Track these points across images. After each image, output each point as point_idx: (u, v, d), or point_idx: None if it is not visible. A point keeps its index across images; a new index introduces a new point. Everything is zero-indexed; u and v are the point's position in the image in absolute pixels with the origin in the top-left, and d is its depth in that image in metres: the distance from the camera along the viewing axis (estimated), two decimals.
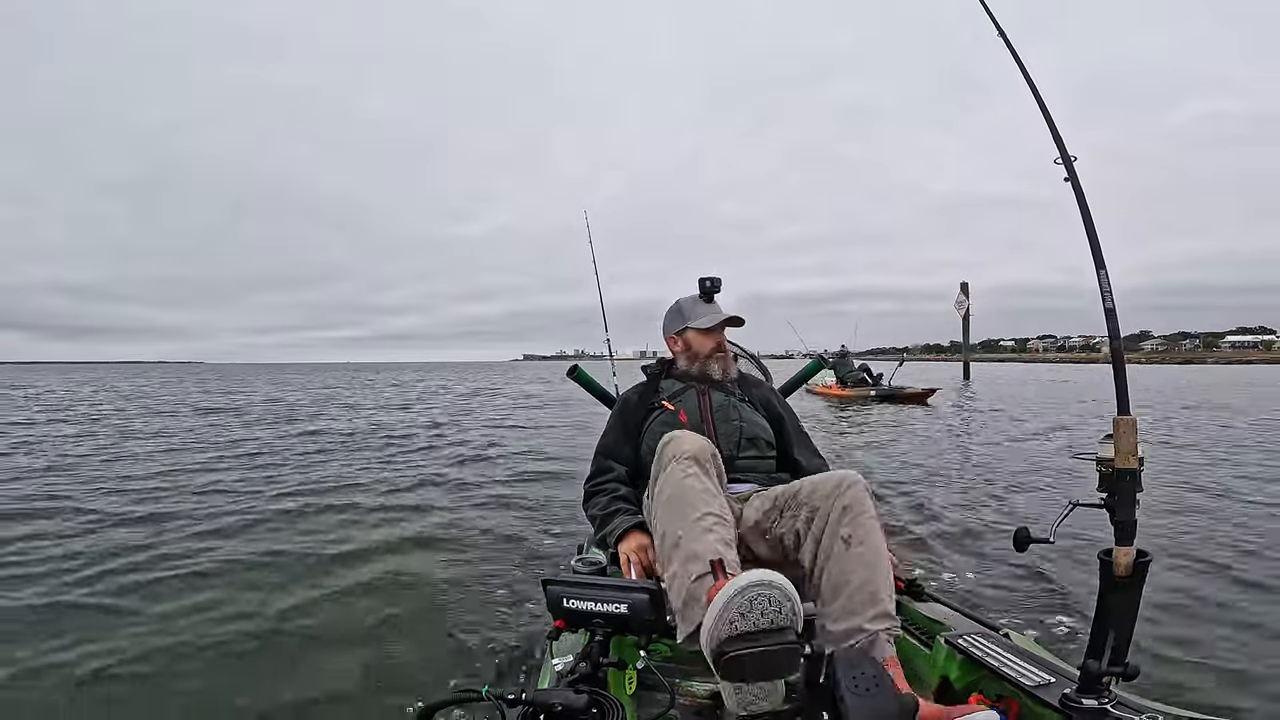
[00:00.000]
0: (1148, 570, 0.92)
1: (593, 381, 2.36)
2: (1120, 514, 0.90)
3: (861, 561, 1.10)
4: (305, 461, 5.91)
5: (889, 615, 1.08)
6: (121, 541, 3.20)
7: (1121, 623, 0.92)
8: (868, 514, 1.14)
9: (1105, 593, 0.94)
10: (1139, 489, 0.90)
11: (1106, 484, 0.91)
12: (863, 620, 1.06)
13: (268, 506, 3.99)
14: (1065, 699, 0.93)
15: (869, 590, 1.07)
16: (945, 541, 3.17)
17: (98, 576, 2.68)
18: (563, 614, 1.06)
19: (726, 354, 1.71)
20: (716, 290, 1.72)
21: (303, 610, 2.38)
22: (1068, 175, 0.95)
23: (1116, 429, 0.89)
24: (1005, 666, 1.08)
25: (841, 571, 1.10)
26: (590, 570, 1.36)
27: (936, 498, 4.02)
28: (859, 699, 0.85)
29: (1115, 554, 0.91)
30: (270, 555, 3.02)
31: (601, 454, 1.64)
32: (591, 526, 1.54)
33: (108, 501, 4.11)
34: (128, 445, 6.91)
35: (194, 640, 2.10)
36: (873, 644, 1.05)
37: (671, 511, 1.14)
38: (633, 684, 1.11)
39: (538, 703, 0.87)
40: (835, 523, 1.14)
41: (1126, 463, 0.88)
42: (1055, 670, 1.05)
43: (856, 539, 1.11)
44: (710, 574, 1.01)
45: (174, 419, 10.24)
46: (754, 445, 1.56)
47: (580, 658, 1.04)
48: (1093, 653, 0.93)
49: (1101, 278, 0.88)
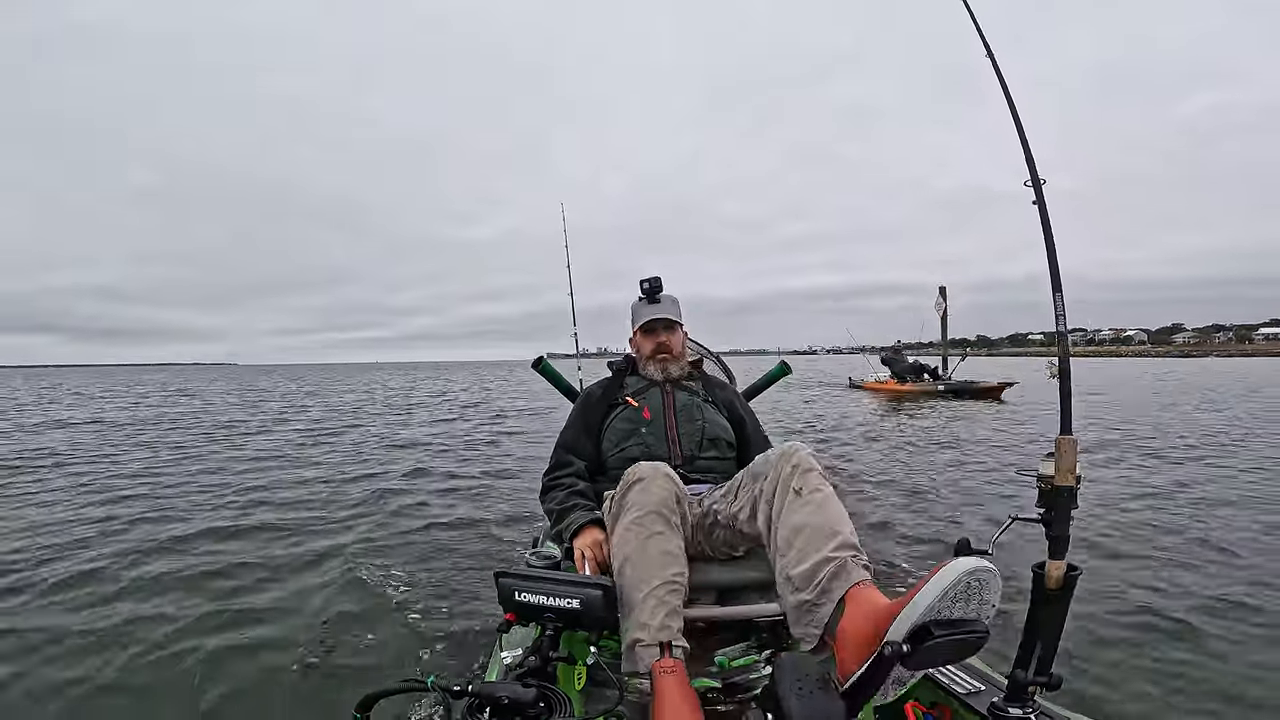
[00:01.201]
0: (1076, 584, 0.96)
1: (557, 374, 2.36)
2: (1055, 529, 0.94)
3: (814, 505, 1.09)
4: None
5: (853, 545, 1.04)
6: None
7: (1048, 634, 0.96)
8: (816, 471, 1.15)
9: (1036, 604, 0.97)
10: (1075, 506, 0.94)
11: (1045, 500, 0.95)
12: (826, 551, 1.02)
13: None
14: (993, 707, 0.98)
15: (828, 528, 1.05)
16: (888, 545, 3.26)
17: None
18: (514, 607, 1.04)
19: (671, 354, 1.70)
20: (657, 290, 1.72)
21: (251, 601, 2.32)
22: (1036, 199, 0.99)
23: (1058, 448, 0.93)
24: (939, 674, 1.12)
25: (797, 518, 1.09)
26: (544, 564, 1.34)
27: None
28: (801, 701, 0.86)
29: (1048, 567, 0.95)
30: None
31: (561, 448, 1.63)
32: (548, 520, 1.53)
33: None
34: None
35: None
36: (840, 569, 1.00)
37: (628, 573, 1.13)
38: (582, 679, 1.11)
39: (484, 695, 0.86)
40: (785, 480, 1.15)
41: (1065, 480, 0.92)
42: (986, 679, 1.10)
43: (808, 489, 1.12)
44: (656, 648, 1.03)
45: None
46: (715, 446, 1.58)
47: (530, 651, 1.03)
48: (1020, 663, 0.97)
49: (1057, 301, 0.92)
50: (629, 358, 1.81)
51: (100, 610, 2.25)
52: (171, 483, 4.65)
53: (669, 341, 1.70)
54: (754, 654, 1.21)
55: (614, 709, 0.98)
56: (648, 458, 1.53)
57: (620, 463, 1.56)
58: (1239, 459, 5.32)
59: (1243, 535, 3.12)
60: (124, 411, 12.03)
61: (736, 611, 1.25)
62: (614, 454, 1.58)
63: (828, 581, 1.00)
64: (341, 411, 11.61)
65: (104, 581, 2.53)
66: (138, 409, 12.76)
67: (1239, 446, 6.04)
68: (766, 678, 1.06)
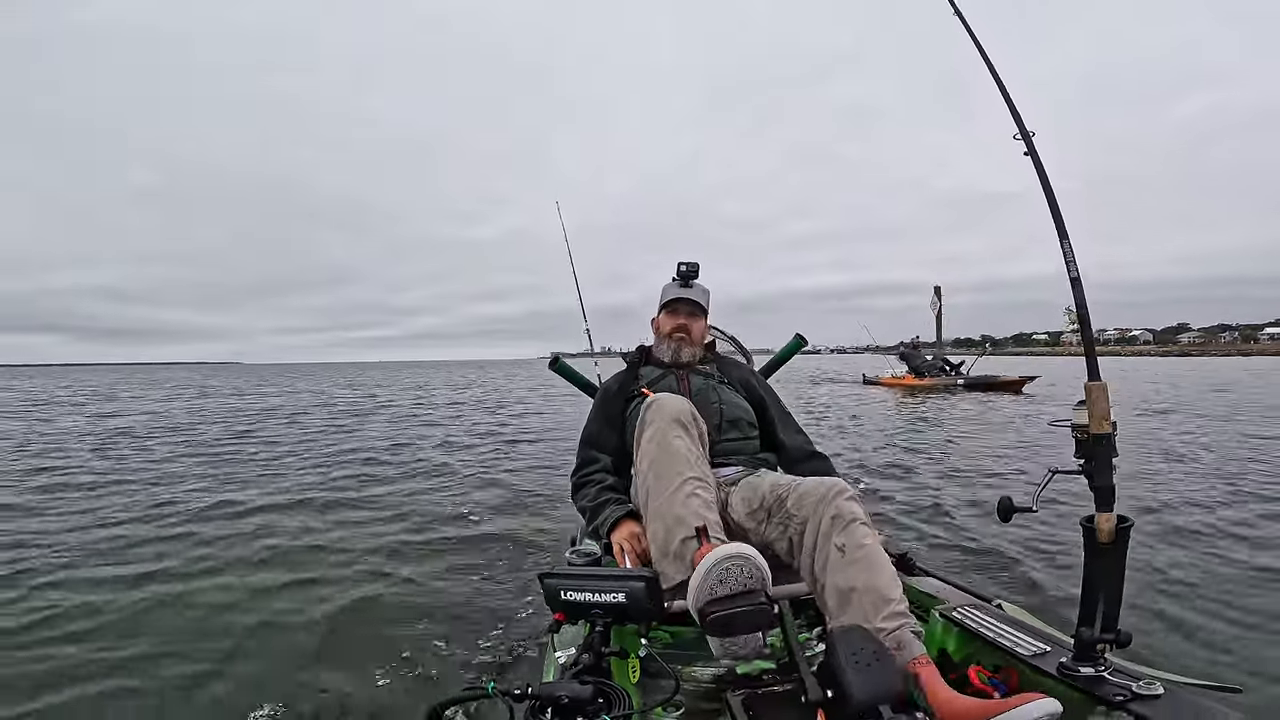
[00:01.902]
0: (1129, 535, 0.93)
1: (574, 372, 2.39)
2: (1098, 479, 0.91)
3: (862, 567, 1.07)
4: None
5: (905, 614, 1.04)
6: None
7: (1109, 589, 0.93)
8: (858, 520, 1.13)
9: (1090, 560, 0.94)
10: (1115, 454, 0.91)
11: (1083, 450, 0.92)
12: (876, 621, 1.02)
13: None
14: (1062, 667, 0.94)
15: (877, 593, 1.04)
16: (930, 515, 3.20)
17: None
18: (561, 606, 1.07)
19: (690, 337, 1.71)
20: (693, 275, 1.74)
21: (296, 615, 2.40)
22: (1027, 150, 0.97)
23: (1089, 394, 0.89)
24: (1001, 638, 1.09)
25: (845, 579, 1.08)
26: (585, 561, 1.37)
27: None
28: (859, 674, 0.86)
29: (1097, 520, 0.92)
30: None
31: (586, 444, 1.64)
32: (582, 518, 1.55)
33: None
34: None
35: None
36: (899, 645, 1.00)
37: (656, 473, 1.18)
38: (636, 672, 1.13)
39: (544, 696, 0.88)
40: (827, 534, 1.12)
41: (1100, 428, 0.89)
42: (1050, 639, 1.07)
43: (852, 545, 1.10)
44: (695, 539, 1.07)
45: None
46: (735, 427, 1.57)
47: (582, 649, 1.05)
48: (1085, 620, 0.94)
49: (1065, 248, 0.89)
50: (642, 348, 1.83)
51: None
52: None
53: (689, 325, 1.71)
54: (804, 631, 1.21)
55: (671, 698, 1.00)
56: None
57: None
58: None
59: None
60: (249, 404, 13.19)
61: (785, 590, 1.25)
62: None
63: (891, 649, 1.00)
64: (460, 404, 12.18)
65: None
66: (245, 400, 13.94)
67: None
68: (820, 654, 1.06)
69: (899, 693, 0.87)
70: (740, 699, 1.06)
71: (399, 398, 15.80)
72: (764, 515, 1.28)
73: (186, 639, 2.17)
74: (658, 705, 1.01)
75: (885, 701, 0.85)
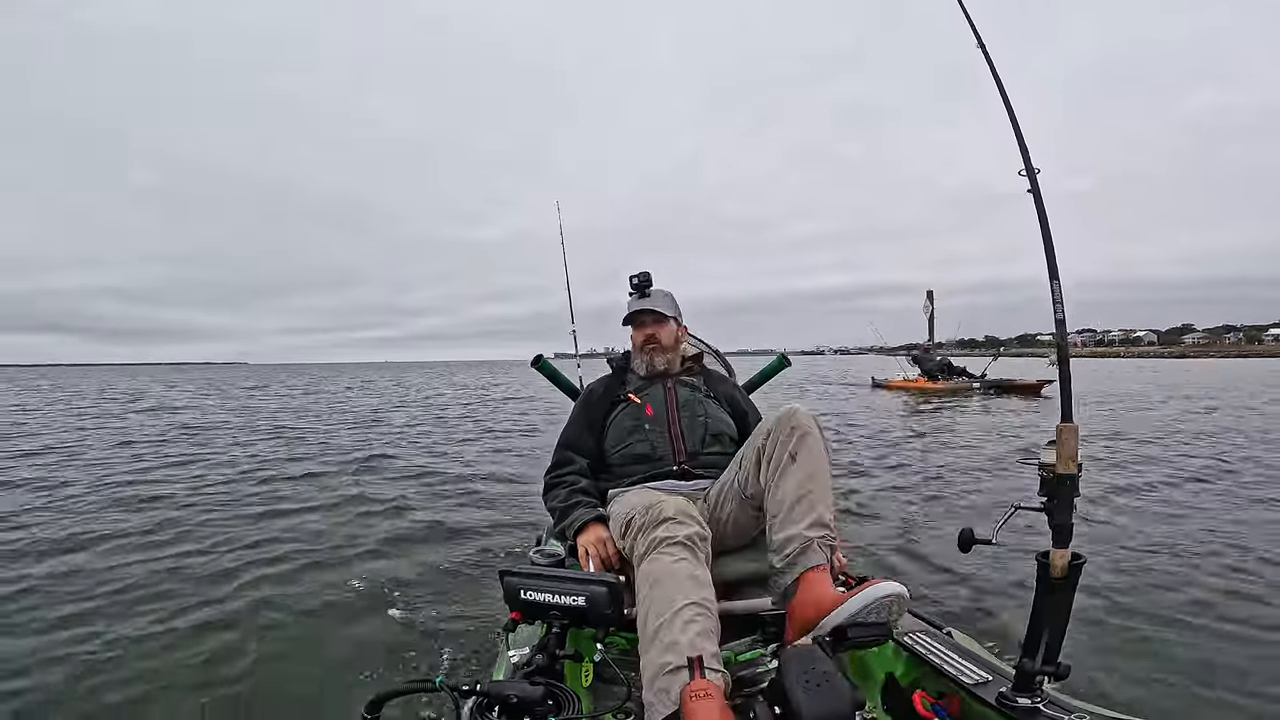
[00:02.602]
0: (1081, 572, 0.96)
1: (557, 373, 2.36)
2: (1058, 517, 0.93)
3: (805, 474, 1.20)
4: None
5: (824, 524, 1.16)
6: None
7: (1055, 623, 0.96)
8: (813, 435, 1.24)
9: (1041, 593, 0.97)
10: (1076, 494, 0.93)
11: (1047, 488, 0.94)
12: (801, 528, 1.14)
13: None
14: (1001, 696, 0.97)
15: (808, 500, 1.17)
16: (891, 539, 3.26)
17: None
18: (520, 606, 1.05)
19: (660, 346, 1.70)
20: (645, 285, 1.73)
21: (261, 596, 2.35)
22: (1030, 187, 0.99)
23: (1059, 435, 0.92)
24: (947, 664, 1.12)
25: (786, 485, 1.20)
26: (549, 562, 1.35)
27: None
28: (809, 694, 0.86)
29: (1052, 556, 0.95)
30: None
31: (563, 445, 1.63)
32: (551, 518, 1.53)
33: None
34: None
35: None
36: (805, 549, 1.12)
37: (657, 595, 1.06)
38: (589, 677, 1.11)
39: (492, 694, 0.86)
40: (784, 443, 1.24)
41: (1067, 468, 0.92)
42: (993, 669, 1.09)
43: (804, 452, 1.22)
44: (686, 669, 0.95)
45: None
46: (718, 441, 1.57)
47: (537, 650, 1.03)
48: (1028, 651, 0.97)
49: (1055, 289, 0.92)
50: (629, 354, 1.82)
51: None
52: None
53: (657, 333, 1.70)
54: (760, 648, 1.22)
55: (622, 705, 0.98)
56: (651, 455, 1.52)
57: (623, 460, 1.56)
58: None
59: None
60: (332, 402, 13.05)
61: (741, 606, 1.25)
62: (617, 451, 1.58)
63: (794, 556, 1.14)
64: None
65: None
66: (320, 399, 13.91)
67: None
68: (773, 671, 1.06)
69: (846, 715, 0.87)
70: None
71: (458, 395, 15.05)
72: (738, 464, 1.35)
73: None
74: (608, 711, 0.99)
75: None
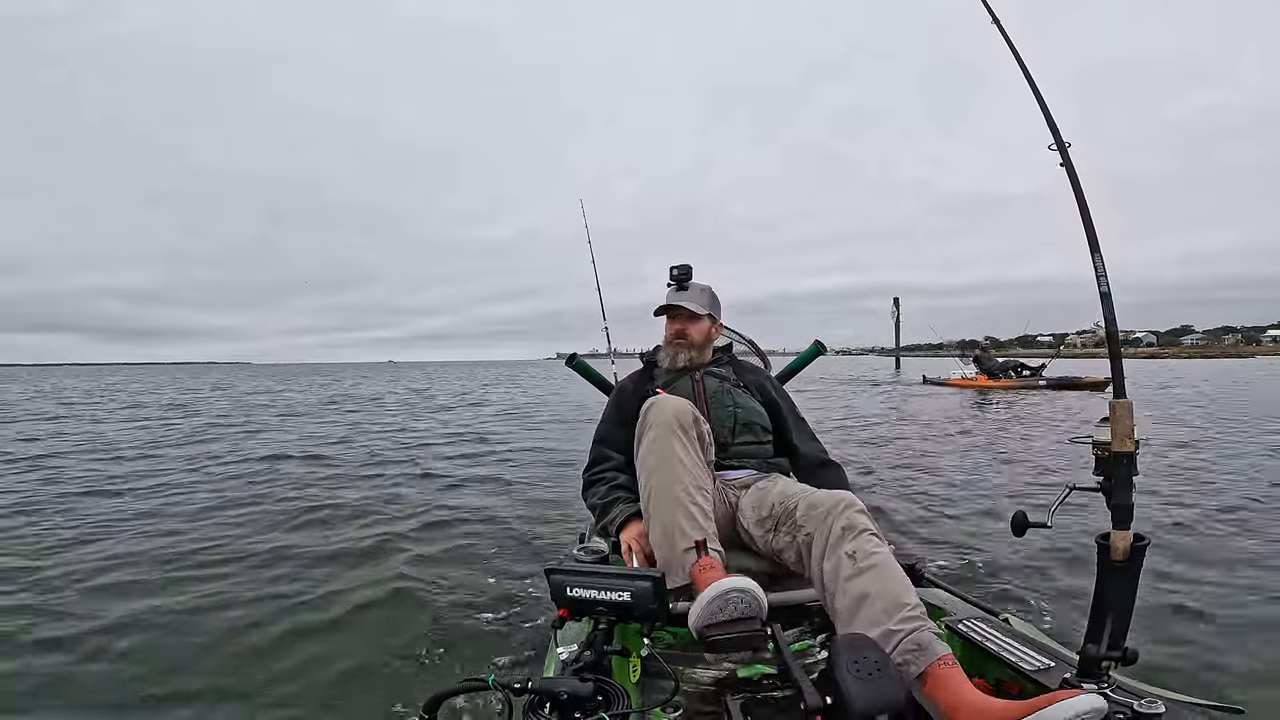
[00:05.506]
0: (1145, 554, 0.92)
1: (591, 370, 2.38)
2: (1117, 497, 0.90)
3: (874, 574, 1.05)
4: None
5: (921, 616, 1.01)
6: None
7: (1119, 607, 0.92)
8: (868, 530, 1.12)
9: (1103, 577, 0.94)
10: (1135, 472, 0.90)
11: (1103, 467, 0.91)
12: (890, 624, 0.99)
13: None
14: (1065, 683, 0.93)
15: (891, 598, 1.01)
16: (942, 526, 3.17)
17: None
18: (566, 602, 1.06)
19: (688, 340, 1.69)
20: (686, 277, 1.72)
21: (309, 602, 2.42)
22: (1062, 160, 0.95)
23: (1113, 412, 0.88)
24: (1006, 651, 1.09)
25: (857, 586, 1.05)
26: (593, 559, 1.36)
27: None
28: (860, 682, 0.85)
29: (1112, 538, 0.91)
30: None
31: (599, 442, 1.64)
32: (592, 515, 1.55)
33: None
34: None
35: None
36: (920, 647, 0.96)
37: (658, 480, 1.25)
38: (637, 671, 1.12)
39: (543, 691, 0.88)
40: (836, 544, 1.11)
41: (1123, 446, 0.88)
42: (1055, 655, 1.06)
43: (862, 554, 1.08)
44: (694, 550, 1.16)
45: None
46: (749, 430, 1.56)
47: (584, 646, 1.05)
48: (1092, 637, 0.94)
49: (1097, 262, 0.88)
50: (658, 348, 1.81)
51: None
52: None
53: (687, 329, 1.69)
54: (809, 638, 1.21)
55: (670, 699, 0.99)
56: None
57: None
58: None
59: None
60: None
61: (789, 597, 1.24)
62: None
63: (906, 653, 0.97)
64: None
65: None
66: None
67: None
68: (823, 661, 1.06)
69: (898, 704, 0.86)
70: (739, 703, 1.06)
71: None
72: (772, 524, 1.28)
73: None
74: (657, 706, 1.00)
75: (884, 712, 0.84)
